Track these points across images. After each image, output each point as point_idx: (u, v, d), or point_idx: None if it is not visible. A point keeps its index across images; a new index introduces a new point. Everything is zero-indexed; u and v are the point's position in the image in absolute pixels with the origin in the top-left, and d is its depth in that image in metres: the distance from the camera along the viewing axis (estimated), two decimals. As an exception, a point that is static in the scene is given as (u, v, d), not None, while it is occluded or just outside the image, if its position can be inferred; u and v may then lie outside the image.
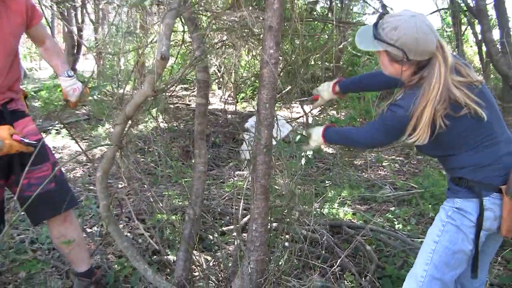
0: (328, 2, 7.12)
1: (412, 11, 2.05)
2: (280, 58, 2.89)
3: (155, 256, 3.47)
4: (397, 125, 2.09)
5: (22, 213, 2.78)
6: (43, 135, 2.97)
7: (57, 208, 2.72)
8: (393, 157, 6.90)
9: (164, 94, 2.68)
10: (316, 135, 2.52)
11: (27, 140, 2.45)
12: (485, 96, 2.06)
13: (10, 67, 2.64)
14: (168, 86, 2.59)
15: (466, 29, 9.02)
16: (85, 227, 3.96)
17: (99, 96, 4.49)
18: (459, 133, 2.05)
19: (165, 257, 3.40)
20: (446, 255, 2.11)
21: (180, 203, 4.09)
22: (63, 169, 2.78)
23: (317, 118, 7.18)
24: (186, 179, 3.51)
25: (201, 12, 3.30)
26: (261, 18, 2.50)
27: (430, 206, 4.59)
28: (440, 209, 2.22)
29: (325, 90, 2.80)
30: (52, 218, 2.77)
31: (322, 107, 2.82)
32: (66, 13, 9.76)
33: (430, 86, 1.98)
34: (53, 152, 2.90)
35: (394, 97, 2.15)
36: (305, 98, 3.32)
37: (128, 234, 3.89)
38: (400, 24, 2.01)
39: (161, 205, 3.47)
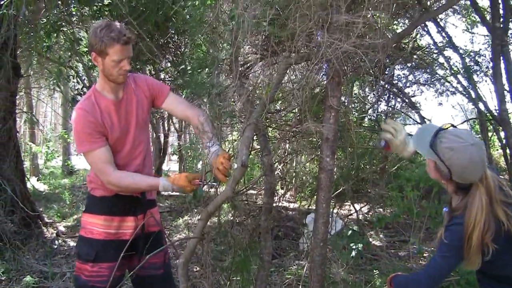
0: (375, 115, 7.29)
1: (475, 139, 1.90)
2: (335, 163, 2.96)
3: (224, 334, 3.44)
4: (457, 243, 1.90)
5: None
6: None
7: None
8: (432, 248, 6.66)
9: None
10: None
11: (206, 183, 2.43)
12: None
13: (145, 149, 2.56)
14: (246, 190, 2.69)
15: (492, 135, 8.96)
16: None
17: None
18: (506, 248, 1.90)
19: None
20: None
21: (246, 287, 4.08)
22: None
23: (366, 215, 7.09)
24: (252, 266, 3.53)
25: (271, 125, 3.46)
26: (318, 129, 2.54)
27: (465, 291, 4.39)
28: None
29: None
30: None
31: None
32: (155, 122, 10.27)
33: (471, 216, 1.86)
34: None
35: (444, 223, 2.02)
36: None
37: (202, 312, 3.88)
38: (457, 148, 1.88)
39: (231, 288, 3.49)
